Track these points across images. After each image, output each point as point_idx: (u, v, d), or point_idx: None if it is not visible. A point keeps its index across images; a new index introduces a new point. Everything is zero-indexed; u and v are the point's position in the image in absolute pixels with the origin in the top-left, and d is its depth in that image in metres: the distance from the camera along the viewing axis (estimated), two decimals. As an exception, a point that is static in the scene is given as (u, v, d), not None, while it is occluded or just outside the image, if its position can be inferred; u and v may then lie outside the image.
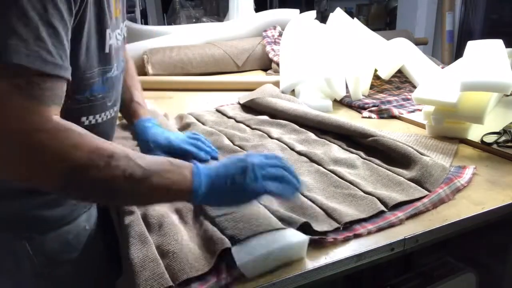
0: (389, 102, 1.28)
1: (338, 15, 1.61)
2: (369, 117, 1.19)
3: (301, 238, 0.58)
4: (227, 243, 0.57)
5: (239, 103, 1.34)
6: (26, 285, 0.67)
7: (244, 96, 1.33)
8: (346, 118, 1.21)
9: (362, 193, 0.72)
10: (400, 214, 0.67)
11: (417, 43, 1.89)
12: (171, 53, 1.77)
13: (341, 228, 0.63)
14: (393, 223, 0.65)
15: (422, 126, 1.08)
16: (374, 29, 1.66)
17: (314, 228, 0.62)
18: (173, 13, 3.37)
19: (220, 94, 1.51)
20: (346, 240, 0.62)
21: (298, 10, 2.01)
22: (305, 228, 0.62)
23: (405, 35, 1.80)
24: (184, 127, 1.11)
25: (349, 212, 0.67)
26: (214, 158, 0.84)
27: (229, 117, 1.21)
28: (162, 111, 1.20)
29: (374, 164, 0.83)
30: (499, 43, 1.12)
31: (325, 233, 0.63)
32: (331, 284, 0.66)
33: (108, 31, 0.61)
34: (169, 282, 0.53)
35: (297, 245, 0.58)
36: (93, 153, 0.47)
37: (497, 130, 0.96)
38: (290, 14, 2.00)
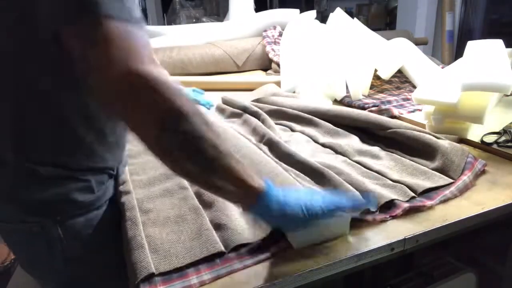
0: (389, 102, 1.28)
1: (338, 15, 1.61)
2: (369, 117, 1.19)
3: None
4: None
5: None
6: (57, 269, 0.74)
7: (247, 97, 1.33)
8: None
9: (391, 182, 0.74)
10: (428, 202, 0.69)
11: (417, 43, 1.89)
12: (171, 53, 1.77)
13: (377, 211, 0.66)
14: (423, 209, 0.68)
15: (422, 126, 1.08)
16: (374, 29, 1.65)
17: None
18: (173, 13, 3.37)
19: (220, 94, 1.51)
20: (383, 221, 0.65)
21: (298, 10, 2.01)
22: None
23: (405, 35, 1.80)
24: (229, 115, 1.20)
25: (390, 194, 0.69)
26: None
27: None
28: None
29: (396, 155, 0.84)
30: (499, 43, 1.12)
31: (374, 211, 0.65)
32: (331, 284, 0.66)
33: None
34: (222, 248, 0.59)
35: (339, 220, 0.61)
36: (195, 114, 0.50)
37: (497, 130, 0.96)
38: (290, 14, 2.00)
